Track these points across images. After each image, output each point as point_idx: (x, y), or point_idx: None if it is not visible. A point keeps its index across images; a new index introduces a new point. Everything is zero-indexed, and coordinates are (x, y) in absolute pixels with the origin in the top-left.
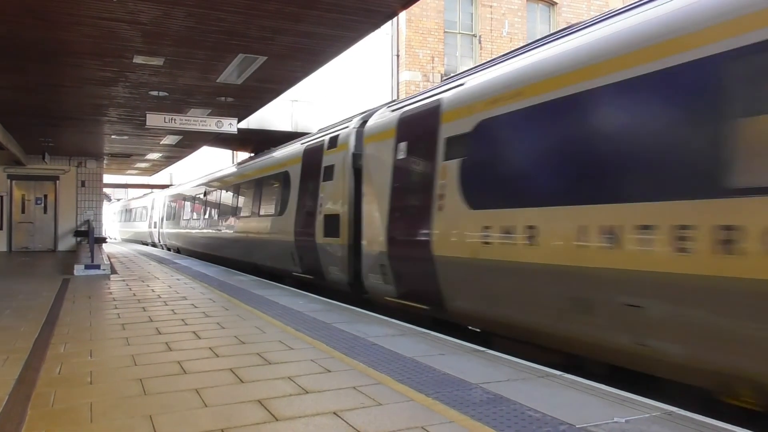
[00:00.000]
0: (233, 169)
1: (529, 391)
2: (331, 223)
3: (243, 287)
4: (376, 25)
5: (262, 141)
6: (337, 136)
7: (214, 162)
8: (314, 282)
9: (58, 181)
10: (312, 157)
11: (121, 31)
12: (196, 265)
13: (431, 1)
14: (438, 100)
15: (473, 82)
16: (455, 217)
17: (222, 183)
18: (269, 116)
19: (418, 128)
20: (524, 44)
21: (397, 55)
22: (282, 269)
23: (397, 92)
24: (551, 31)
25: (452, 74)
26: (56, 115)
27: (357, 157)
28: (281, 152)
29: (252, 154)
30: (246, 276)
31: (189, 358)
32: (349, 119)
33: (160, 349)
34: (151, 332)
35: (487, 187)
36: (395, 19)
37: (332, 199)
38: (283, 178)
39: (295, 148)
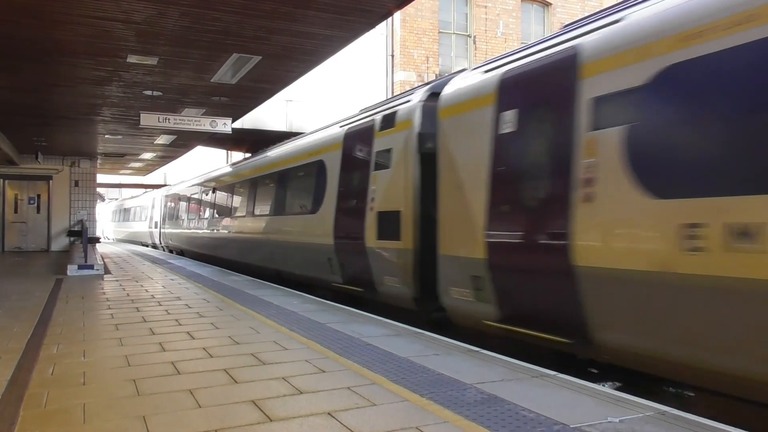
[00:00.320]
0: (249, 162)
1: (523, 391)
2: (388, 221)
3: (237, 287)
4: (371, 25)
5: (256, 141)
6: (395, 112)
7: (209, 162)
8: (363, 296)
9: (51, 181)
10: (357, 141)
11: (115, 30)
12: (191, 265)
13: (426, 2)
14: (572, 47)
15: (645, 13)
16: (619, 210)
17: (235, 177)
18: (264, 116)
19: (537, 89)
20: None
21: (392, 55)
22: (315, 278)
23: (392, 92)
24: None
25: (589, 14)
26: (50, 114)
27: (424, 137)
28: (312, 138)
29: (248, 154)
30: (240, 276)
31: (183, 358)
32: (409, 92)
33: (153, 349)
34: (144, 333)
35: (693, 163)
36: (390, 19)
37: (389, 192)
38: (317, 169)
39: (332, 132)
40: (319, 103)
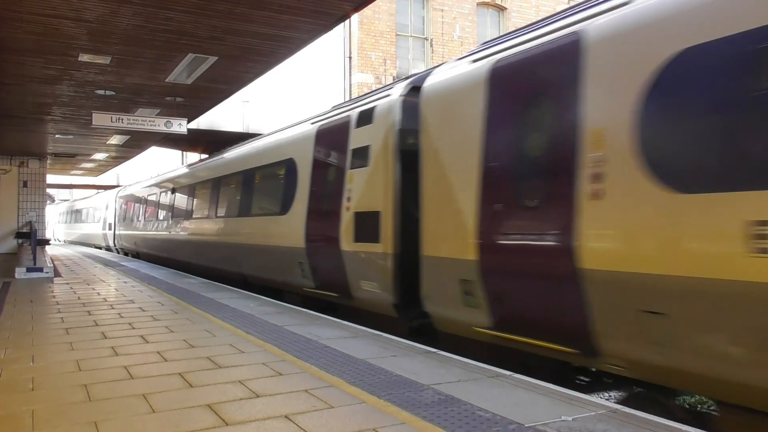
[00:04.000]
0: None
1: (479, 392)
2: (366, 222)
3: (193, 290)
4: (328, 27)
5: (212, 142)
6: (373, 108)
7: (165, 162)
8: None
9: None
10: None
11: (65, 28)
12: (145, 267)
13: (383, 4)
14: (575, 32)
15: None
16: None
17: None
18: (220, 117)
19: (537, 78)
20: None
21: (350, 57)
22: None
23: (350, 94)
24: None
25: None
26: None
27: (405, 134)
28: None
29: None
30: (196, 278)
31: (136, 362)
32: (388, 86)
33: (105, 353)
34: (96, 337)
35: None
36: (347, 21)
37: (367, 192)
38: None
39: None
40: (276, 104)
